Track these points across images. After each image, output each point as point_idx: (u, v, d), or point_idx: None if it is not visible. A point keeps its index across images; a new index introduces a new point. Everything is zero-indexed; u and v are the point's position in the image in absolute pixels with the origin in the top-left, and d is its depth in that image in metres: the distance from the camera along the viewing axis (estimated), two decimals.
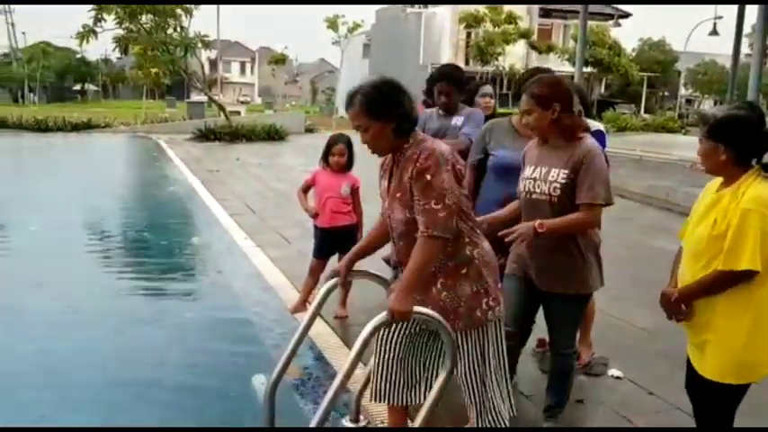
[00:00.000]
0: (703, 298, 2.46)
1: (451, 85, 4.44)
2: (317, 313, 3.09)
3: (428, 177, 2.51)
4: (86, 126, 25.29)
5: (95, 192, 11.91)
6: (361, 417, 3.28)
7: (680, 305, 2.53)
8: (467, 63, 35.77)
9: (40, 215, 8.99)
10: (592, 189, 2.92)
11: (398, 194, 2.62)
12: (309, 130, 26.61)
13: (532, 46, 37.96)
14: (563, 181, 2.97)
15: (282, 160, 16.70)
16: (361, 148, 3.06)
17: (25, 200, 10.42)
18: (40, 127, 24.60)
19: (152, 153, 18.69)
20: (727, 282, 2.36)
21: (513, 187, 3.24)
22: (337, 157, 4.87)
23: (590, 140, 3.05)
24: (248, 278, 6.13)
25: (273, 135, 22.78)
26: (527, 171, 3.13)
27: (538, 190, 3.05)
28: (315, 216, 5.03)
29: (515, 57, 36.47)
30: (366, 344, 2.55)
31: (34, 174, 14.52)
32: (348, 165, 4.94)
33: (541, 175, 3.05)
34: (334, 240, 4.91)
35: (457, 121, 4.41)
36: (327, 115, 36.83)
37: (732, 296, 2.39)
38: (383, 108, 2.56)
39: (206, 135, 21.89)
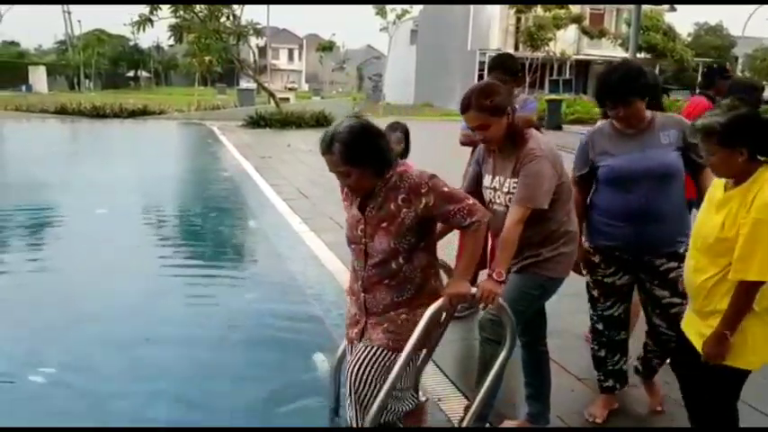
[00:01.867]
0: (718, 295, 2.45)
1: (506, 74, 4.54)
2: None
3: (438, 190, 2.57)
4: (142, 112, 26.04)
5: (156, 176, 12.41)
6: (420, 393, 3.46)
7: (726, 342, 2.44)
8: (516, 48, 35.41)
9: (106, 199, 9.42)
10: (522, 190, 2.87)
11: (384, 224, 2.61)
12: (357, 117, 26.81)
13: (584, 31, 37.35)
14: (514, 190, 2.93)
15: None
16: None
17: (91, 184, 10.89)
18: (98, 113, 25.44)
19: (206, 139, 19.19)
20: (744, 295, 2.36)
21: (635, 197, 3.07)
22: (394, 146, 4.99)
23: (533, 141, 2.94)
24: (305, 261, 6.35)
25: (322, 122, 23.03)
26: (486, 180, 3.11)
27: (498, 200, 3.04)
28: None
29: (566, 42, 35.96)
30: (428, 326, 2.71)
31: (97, 158, 15.09)
32: (404, 153, 5.07)
33: (499, 185, 3.03)
34: None
35: None
36: (374, 102, 36.96)
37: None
38: (362, 154, 2.56)
39: (257, 122, 22.31)
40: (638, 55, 22.03)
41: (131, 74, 69.49)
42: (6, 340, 4.29)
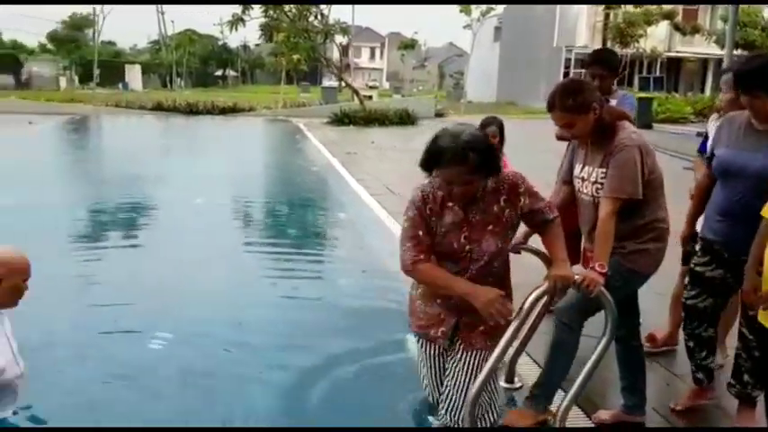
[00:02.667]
0: None
1: (605, 69, 4.55)
2: None
3: (531, 189, 2.79)
4: (232, 110, 27.08)
5: (248, 169, 12.97)
6: (516, 378, 3.57)
7: None
8: (604, 45, 34.51)
9: (203, 190, 9.93)
10: (611, 181, 2.91)
11: (490, 227, 2.74)
12: (439, 115, 26.90)
13: (676, 27, 35.96)
14: (602, 181, 2.97)
15: (416, 144, 16.92)
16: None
17: (189, 176, 11.51)
18: (191, 110, 26.64)
19: (294, 135, 19.78)
20: None
21: (733, 194, 2.99)
22: (489, 139, 5.09)
23: (624, 132, 2.97)
24: (396, 252, 6.51)
25: (405, 119, 23.30)
26: (576, 170, 3.17)
27: (585, 190, 3.10)
28: None
29: (657, 39, 34.75)
30: (530, 311, 2.82)
31: (194, 152, 15.87)
32: (499, 147, 5.15)
33: (587, 175, 3.08)
34: None
35: (611, 103, 4.53)
36: (455, 100, 36.88)
37: None
38: (491, 163, 2.65)
39: (341, 119, 22.78)
40: (735, 51, 21.09)
41: (219, 72, 71.95)
42: (124, 314, 4.65)
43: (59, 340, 4.08)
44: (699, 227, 3.30)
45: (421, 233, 2.70)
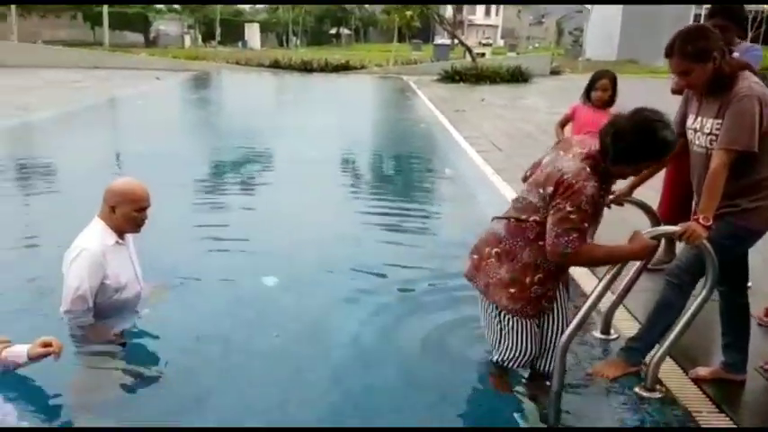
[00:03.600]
0: None
1: (728, 21, 4.31)
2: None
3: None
4: (344, 67, 27.50)
5: (359, 124, 13.29)
6: (612, 331, 3.57)
7: None
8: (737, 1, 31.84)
9: (316, 143, 10.29)
10: (727, 132, 2.79)
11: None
12: (555, 73, 26.06)
13: None
14: (717, 132, 2.85)
15: (527, 102, 16.77)
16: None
17: (303, 129, 11.93)
18: (306, 67, 27.30)
19: (404, 93, 19.87)
20: None
21: None
22: (600, 93, 4.98)
23: (743, 81, 2.82)
24: (498, 207, 6.52)
25: (517, 77, 22.78)
26: (689, 120, 3.05)
27: (697, 142, 2.99)
28: None
29: None
30: (622, 267, 2.83)
31: (308, 107, 16.34)
32: (610, 101, 5.03)
33: (700, 126, 2.96)
34: None
35: (734, 56, 4.29)
36: (573, 57, 35.48)
37: None
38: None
39: (451, 76, 22.60)
40: None
41: (333, 31, 72.72)
42: (237, 256, 5.00)
43: (180, 276, 4.43)
44: None
45: (586, 225, 2.71)
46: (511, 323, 2.93)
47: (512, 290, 2.87)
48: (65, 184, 7.43)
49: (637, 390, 2.94)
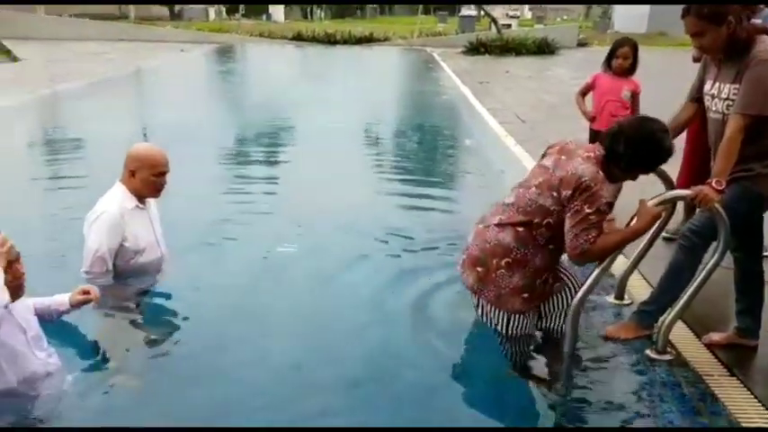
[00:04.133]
0: None
1: None
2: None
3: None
4: (368, 40, 27.34)
5: (381, 96, 13.25)
6: (626, 296, 3.60)
7: None
8: None
9: (338, 115, 10.32)
10: (743, 97, 2.77)
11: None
12: (582, 44, 25.64)
13: None
14: (734, 97, 2.83)
15: (552, 74, 16.57)
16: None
17: (327, 101, 11.95)
18: (329, 40, 27.17)
19: (427, 65, 19.74)
20: None
21: None
22: (621, 60, 4.94)
23: (761, 44, 2.79)
24: (520, 179, 6.52)
25: (544, 48, 22.47)
26: (707, 86, 3.03)
27: (714, 107, 2.97)
28: (592, 119, 5.21)
29: None
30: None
31: (330, 80, 16.35)
32: (631, 69, 4.99)
33: (717, 92, 2.94)
34: None
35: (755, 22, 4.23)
36: (602, 29, 34.85)
37: None
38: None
39: (476, 48, 22.35)
40: None
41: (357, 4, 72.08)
42: (259, 224, 5.08)
43: (202, 242, 4.53)
44: None
45: (603, 224, 2.81)
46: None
47: (525, 294, 2.98)
48: (93, 150, 7.58)
49: (647, 352, 2.97)
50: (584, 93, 5.32)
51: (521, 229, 2.91)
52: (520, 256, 2.91)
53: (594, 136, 5.24)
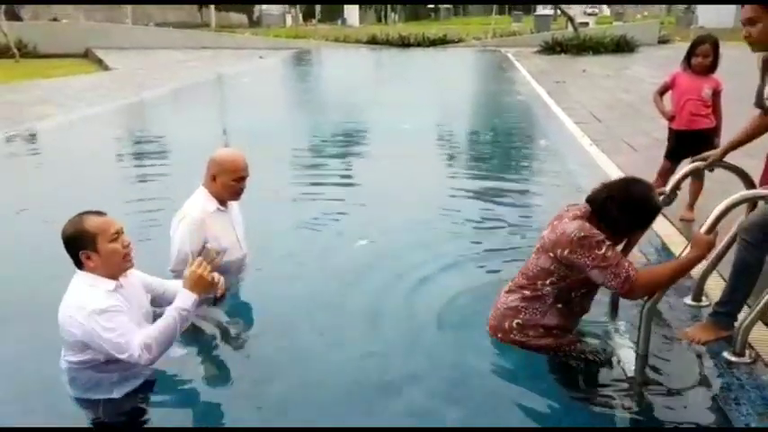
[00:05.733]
0: None
1: None
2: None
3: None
4: (442, 41, 27.37)
5: (454, 97, 13.30)
6: (704, 298, 3.52)
7: None
8: None
9: (410, 116, 10.41)
10: None
11: None
12: (663, 42, 24.81)
13: None
14: None
15: (631, 72, 16.13)
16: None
17: (399, 103, 12.08)
18: (403, 42, 27.38)
19: (501, 65, 19.59)
20: None
21: None
22: (701, 59, 4.81)
23: None
24: (594, 178, 6.41)
25: (622, 46, 21.91)
26: (766, 91, 2.98)
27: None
28: (671, 119, 5.09)
29: None
30: (717, 222, 2.80)
31: (403, 82, 16.49)
32: (712, 67, 4.85)
33: None
34: (689, 143, 4.91)
35: None
36: (685, 25, 33.56)
37: None
38: None
39: (552, 47, 22.03)
40: None
41: (431, 5, 72.04)
42: (340, 223, 5.23)
43: (282, 241, 4.72)
44: None
45: (621, 254, 2.82)
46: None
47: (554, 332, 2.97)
48: (177, 153, 7.97)
49: (725, 354, 2.91)
50: (662, 92, 5.21)
51: (527, 291, 2.95)
52: (529, 315, 2.94)
53: (674, 135, 5.13)
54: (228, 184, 3.68)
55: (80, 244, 2.71)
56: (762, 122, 3.18)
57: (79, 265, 2.76)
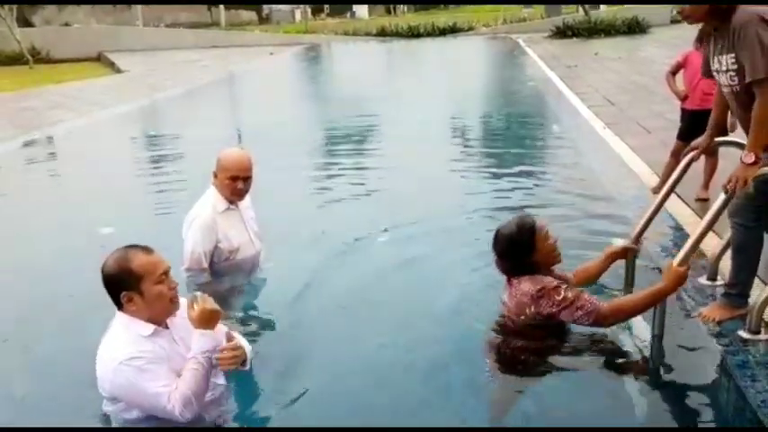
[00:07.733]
0: None
1: None
2: (674, 185, 3.43)
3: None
4: (452, 30, 27.27)
5: (466, 85, 13.29)
6: (718, 277, 3.51)
7: None
8: None
9: (423, 105, 10.43)
10: (748, 65, 2.68)
11: None
12: (676, 21, 24.48)
13: None
14: (733, 67, 2.78)
15: (643, 54, 15.96)
16: None
17: (410, 94, 12.10)
18: (412, 33, 27.31)
19: (512, 51, 19.49)
20: None
21: None
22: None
23: (742, 11, 2.71)
24: (608, 161, 6.43)
25: (634, 28, 21.69)
26: (713, 64, 2.96)
27: (723, 81, 2.92)
28: (684, 98, 5.06)
29: None
30: (691, 253, 2.83)
31: (414, 72, 16.51)
32: None
33: (719, 66, 2.89)
34: (702, 123, 4.84)
35: None
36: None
37: None
38: None
39: (563, 32, 21.85)
40: None
41: None
42: (357, 214, 5.29)
43: (297, 235, 4.73)
44: None
45: (579, 292, 2.90)
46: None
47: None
48: (189, 152, 8.04)
49: (740, 332, 2.91)
50: (674, 71, 5.18)
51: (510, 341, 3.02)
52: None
53: (687, 115, 5.09)
54: (224, 182, 3.64)
55: (123, 285, 2.41)
56: (719, 92, 3.17)
57: (119, 305, 2.46)
